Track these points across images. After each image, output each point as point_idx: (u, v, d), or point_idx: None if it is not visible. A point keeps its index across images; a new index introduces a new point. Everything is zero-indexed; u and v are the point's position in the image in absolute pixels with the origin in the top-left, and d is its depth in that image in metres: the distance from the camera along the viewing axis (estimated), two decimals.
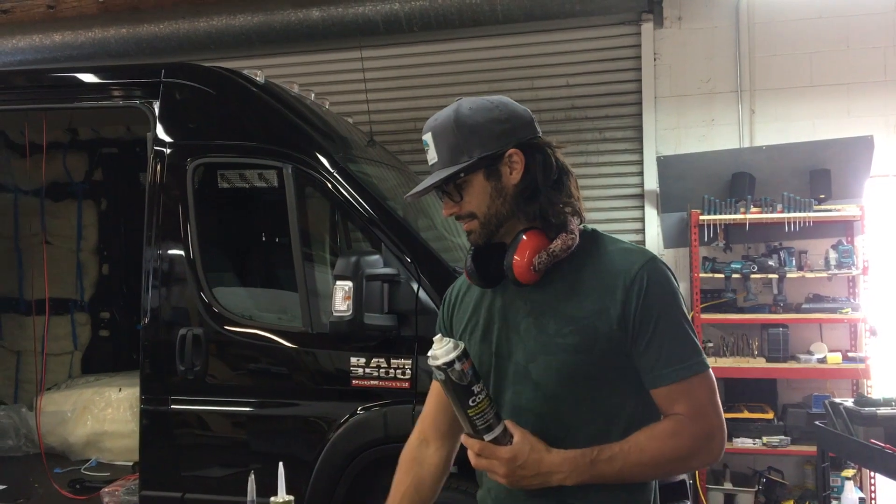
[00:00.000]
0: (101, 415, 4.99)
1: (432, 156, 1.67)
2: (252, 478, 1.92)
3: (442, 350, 1.53)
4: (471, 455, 1.58)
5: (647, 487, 1.69)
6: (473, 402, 1.52)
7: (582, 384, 1.62)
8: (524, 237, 1.64)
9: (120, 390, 5.02)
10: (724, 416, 1.63)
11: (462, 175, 1.65)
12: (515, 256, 1.63)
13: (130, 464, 4.75)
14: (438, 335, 1.56)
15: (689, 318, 1.65)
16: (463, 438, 1.59)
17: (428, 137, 1.68)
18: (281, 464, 1.96)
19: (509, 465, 1.54)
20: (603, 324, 1.60)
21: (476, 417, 1.53)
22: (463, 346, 1.55)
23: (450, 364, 1.51)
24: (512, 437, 1.55)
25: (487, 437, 1.55)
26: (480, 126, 1.66)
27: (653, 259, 1.64)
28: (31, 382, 5.68)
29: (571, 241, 1.65)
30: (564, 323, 1.63)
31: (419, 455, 1.90)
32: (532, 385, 1.65)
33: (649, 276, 1.61)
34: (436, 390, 1.91)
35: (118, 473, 4.64)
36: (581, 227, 1.71)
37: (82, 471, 4.83)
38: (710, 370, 1.63)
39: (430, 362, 1.53)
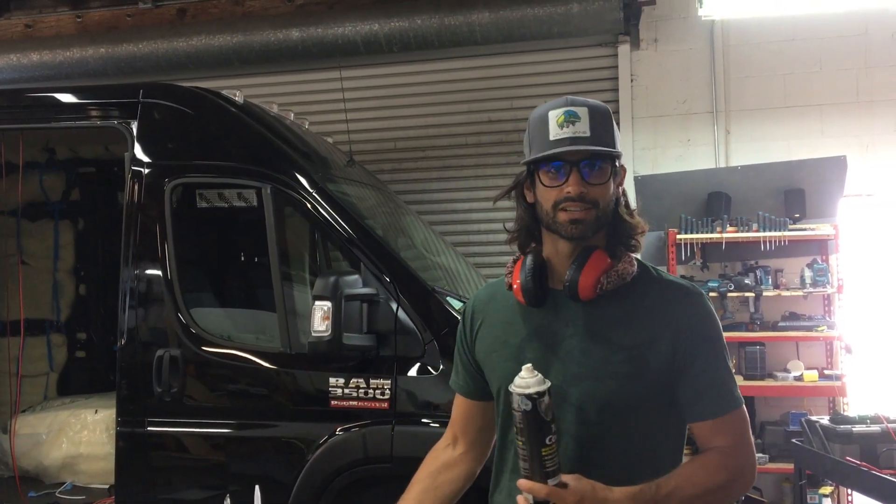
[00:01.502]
0: (77, 437, 4.91)
1: (583, 129, 1.62)
2: (228, 501, 1.90)
3: (534, 380, 1.47)
4: (525, 502, 1.48)
5: None
6: (550, 440, 1.46)
7: (627, 412, 1.62)
8: (595, 254, 1.63)
9: (96, 412, 4.95)
10: None
11: (619, 160, 1.67)
12: (584, 271, 1.61)
13: (106, 487, 4.67)
14: (528, 365, 1.49)
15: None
16: (522, 484, 1.48)
17: (583, 111, 1.63)
18: (257, 487, 1.95)
19: None
20: (654, 355, 1.61)
21: (547, 458, 1.46)
22: (549, 382, 1.49)
23: (541, 394, 1.45)
24: (565, 483, 1.47)
25: (551, 482, 1.46)
26: (616, 129, 1.69)
27: (702, 295, 1.68)
28: (5, 404, 5.58)
29: (633, 268, 1.67)
30: (614, 350, 1.62)
31: (444, 456, 1.89)
32: (572, 409, 1.62)
33: (701, 312, 1.65)
34: (460, 401, 1.90)
35: (94, 497, 4.57)
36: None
37: (57, 494, 4.74)
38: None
39: (519, 391, 1.46)
